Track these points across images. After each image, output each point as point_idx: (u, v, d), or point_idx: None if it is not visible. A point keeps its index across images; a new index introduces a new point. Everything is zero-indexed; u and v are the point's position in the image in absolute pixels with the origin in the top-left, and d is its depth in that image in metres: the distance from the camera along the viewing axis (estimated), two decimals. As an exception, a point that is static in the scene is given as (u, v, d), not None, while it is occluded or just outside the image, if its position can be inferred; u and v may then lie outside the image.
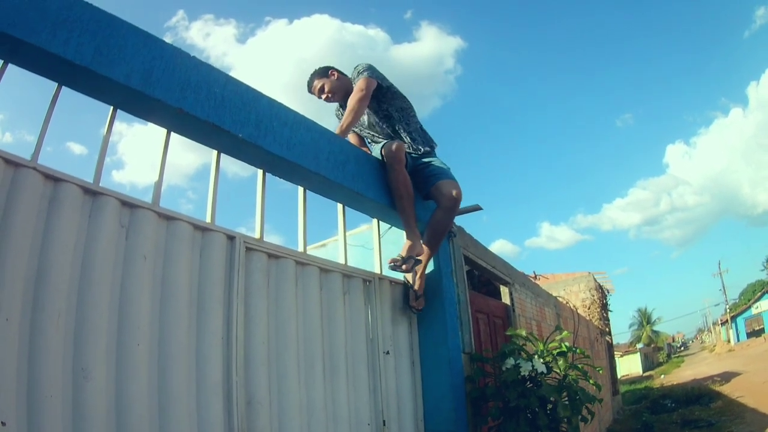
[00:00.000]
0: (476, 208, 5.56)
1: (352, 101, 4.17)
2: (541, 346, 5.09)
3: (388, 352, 4.20)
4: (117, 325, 2.47)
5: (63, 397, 2.20)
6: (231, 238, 3.10)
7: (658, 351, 79.28)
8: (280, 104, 3.35)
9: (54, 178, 2.37)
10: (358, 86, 4.22)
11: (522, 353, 4.87)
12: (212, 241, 3.01)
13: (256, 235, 3.32)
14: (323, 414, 3.48)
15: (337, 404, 3.62)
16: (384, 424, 3.94)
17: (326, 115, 3.59)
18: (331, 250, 4.33)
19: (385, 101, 4.53)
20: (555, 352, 5.08)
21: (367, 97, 4.22)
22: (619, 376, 29.32)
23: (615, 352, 29.98)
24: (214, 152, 3.17)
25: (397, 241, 4.68)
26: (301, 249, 3.68)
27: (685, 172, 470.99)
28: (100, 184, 2.56)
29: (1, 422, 2.00)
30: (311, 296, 3.61)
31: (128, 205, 2.63)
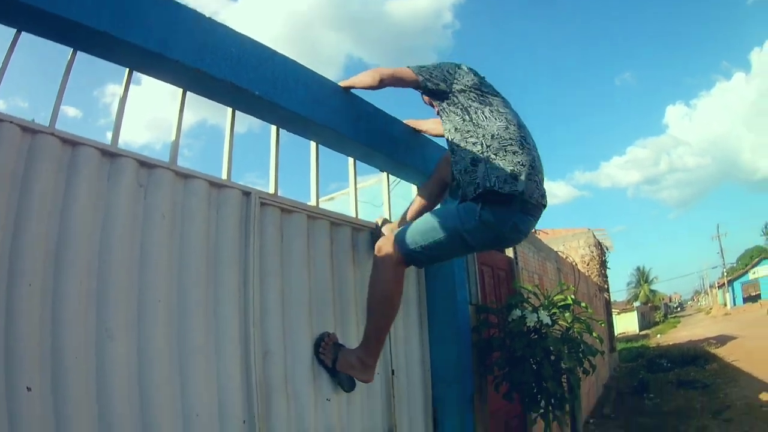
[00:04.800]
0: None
1: None
2: (546, 301, 5.17)
3: (395, 303, 4.24)
4: (138, 284, 2.51)
5: (87, 359, 2.26)
6: (246, 194, 3.13)
7: (655, 310, 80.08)
8: (295, 62, 3.33)
9: (72, 143, 2.38)
10: None
11: (527, 305, 4.95)
12: (228, 197, 3.03)
13: (270, 190, 3.35)
14: (333, 365, 3.57)
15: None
16: (393, 374, 4.04)
17: (325, 71, 3.54)
18: (339, 203, 4.37)
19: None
20: (560, 304, 5.17)
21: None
22: (616, 334, 29.62)
23: (612, 310, 30.22)
24: (229, 110, 3.18)
25: (406, 194, 4.74)
26: (313, 203, 3.72)
27: (685, 133, 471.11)
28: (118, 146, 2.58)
29: (27, 387, 2.05)
30: (322, 249, 3.66)
31: (146, 165, 2.65)
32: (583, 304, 5.91)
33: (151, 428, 2.44)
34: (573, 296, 5.37)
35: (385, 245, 3.41)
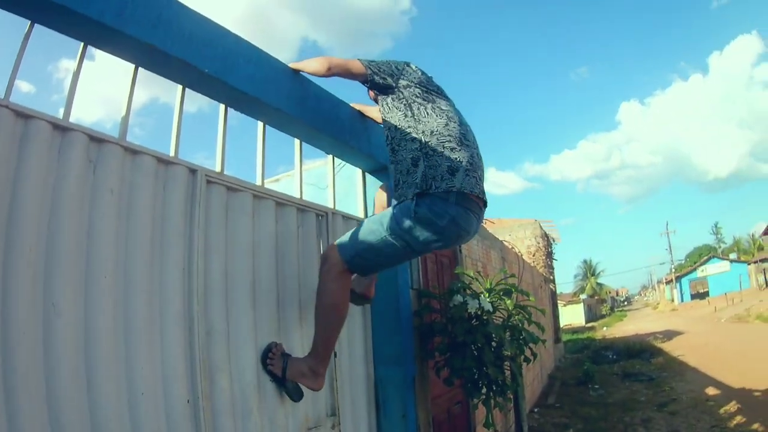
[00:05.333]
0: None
1: None
2: (488, 284, 5.36)
3: (339, 286, 4.37)
4: (85, 259, 2.59)
5: (34, 335, 2.33)
6: (193, 171, 3.22)
7: (602, 303, 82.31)
8: (246, 41, 3.45)
9: (25, 116, 2.44)
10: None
11: (469, 291, 5.13)
12: (175, 174, 3.12)
13: (217, 169, 3.45)
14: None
15: (289, 336, 3.82)
16: (335, 355, 4.16)
17: (279, 53, 3.66)
18: (284, 185, 4.47)
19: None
20: (501, 291, 5.36)
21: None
22: (561, 325, 30.15)
23: (558, 301, 30.73)
24: (179, 87, 3.27)
25: (351, 177, 4.88)
26: (259, 183, 3.83)
27: (638, 130, 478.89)
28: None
29: None
30: (267, 229, 3.77)
31: (96, 139, 2.72)
32: (524, 291, 6.13)
33: (97, 406, 2.51)
34: (515, 284, 5.57)
35: (329, 254, 3.51)
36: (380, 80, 3.59)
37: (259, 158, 3.92)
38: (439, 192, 3.27)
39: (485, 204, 3.57)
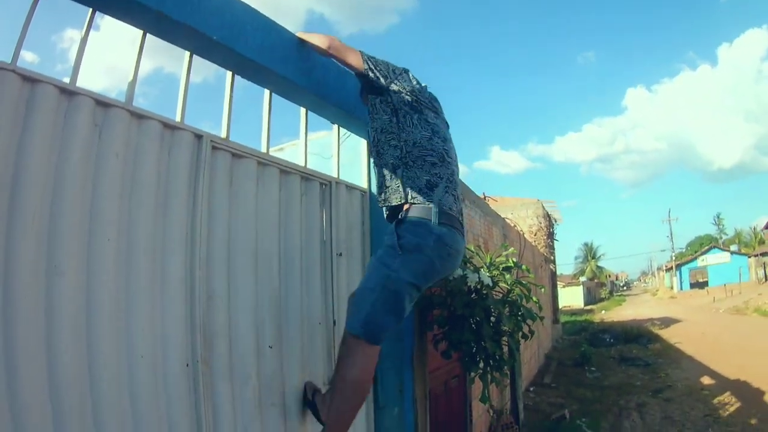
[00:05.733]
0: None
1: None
2: (488, 259, 5.39)
3: (341, 254, 4.45)
4: (89, 222, 2.63)
5: (36, 297, 2.38)
6: (198, 136, 3.25)
7: (601, 287, 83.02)
8: (254, 9, 3.45)
9: (32, 80, 2.47)
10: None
11: (469, 265, 5.16)
12: (180, 139, 3.15)
13: (222, 135, 3.47)
14: (277, 310, 3.73)
15: (290, 302, 3.87)
16: (334, 324, 4.23)
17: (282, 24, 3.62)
18: (288, 154, 4.48)
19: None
20: (501, 266, 5.39)
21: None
22: (560, 306, 30.24)
23: (558, 282, 30.77)
24: (187, 53, 3.29)
25: (355, 148, 4.90)
26: (264, 150, 3.85)
27: (644, 117, 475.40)
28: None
29: None
30: (270, 196, 3.80)
31: (102, 104, 2.75)
32: (524, 267, 6.17)
33: (97, 367, 2.57)
34: (514, 259, 5.60)
35: (344, 343, 3.35)
36: (373, 77, 3.54)
37: (264, 125, 3.93)
38: (417, 210, 3.26)
39: (463, 225, 3.53)
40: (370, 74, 3.54)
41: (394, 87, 3.52)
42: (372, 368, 3.33)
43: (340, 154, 4.78)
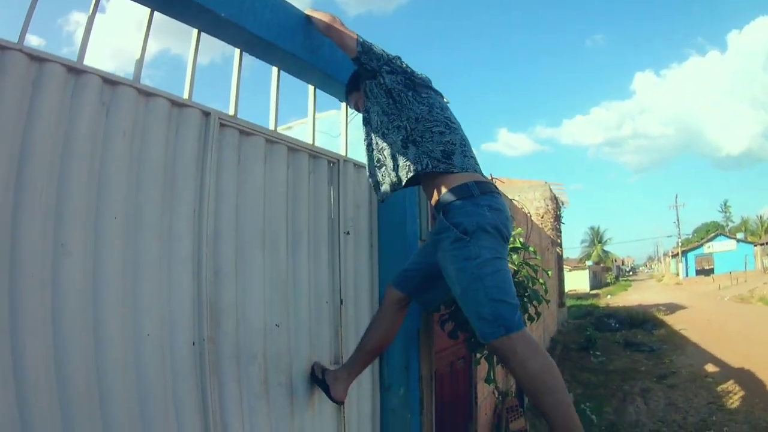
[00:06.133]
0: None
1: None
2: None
3: (348, 233, 4.45)
4: (96, 200, 2.64)
5: (42, 275, 2.39)
6: (206, 114, 3.24)
7: (607, 271, 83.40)
8: (263, -15, 3.44)
9: (39, 59, 2.46)
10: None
11: (477, 245, 5.14)
12: (188, 116, 3.15)
13: (230, 112, 3.47)
14: (284, 289, 3.74)
15: (298, 280, 3.88)
16: (341, 303, 4.25)
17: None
18: (296, 133, 4.47)
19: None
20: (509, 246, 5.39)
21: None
22: (566, 290, 30.38)
23: (564, 266, 30.79)
24: (195, 31, 3.27)
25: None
26: (272, 127, 3.84)
27: (652, 101, 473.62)
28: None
29: None
30: (278, 174, 3.80)
31: (109, 82, 2.75)
32: (531, 249, 6.17)
33: (103, 346, 2.59)
34: (521, 239, 5.59)
35: (492, 349, 3.08)
36: (366, 60, 3.51)
37: (272, 103, 3.92)
38: (454, 193, 3.14)
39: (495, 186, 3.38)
40: (363, 57, 3.51)
41: (386, 69, 3.50)
42: (537, 346, 3.05)
43: (348, 132, 4.77)
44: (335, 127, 4.88)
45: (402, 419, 4.69)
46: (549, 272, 9.63)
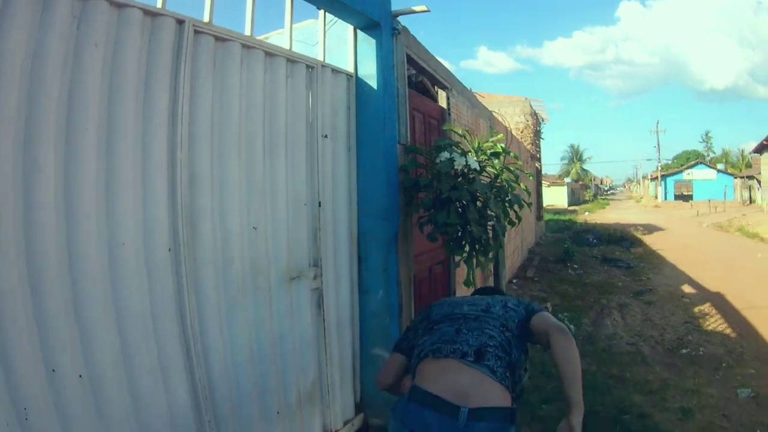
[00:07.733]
0: (424, 10, 5.39)
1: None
2: (476, 143, 5.42)
3: (326, 136, 4.53)
4: (67, 112, 2.67)
5: (14, 194, 2.44)
6: (180, 22, 3.25)
7: (585, 189, 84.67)
8: None
9: None
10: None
11: (456, 149, 5.22)
12: (162, 25, 3.16)
13: (205, 19, 3.48)
14: (262, 192, 3.82)
15: (276, 183, 3.97)
16: (319, 205, 4.35)
17: None
18: (274, 41, 4.47)
19: None
20: (489, 151, 5.45)
21: None
22: (544, 205, 30.82)
23: (543, 181, 30.96)
24: None
25: (341, 34, 4.91)
26: (248, 33, 3.85)
27: (637, 30, 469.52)
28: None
29: None
30: (255, 79, 3.82)
31: None
32: (512, 154, 6.23)
33: (77, 258, 2.69)
34: (502, 145, 5.65)
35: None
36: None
37: (249, 7, 3.93)
38: None
39: None
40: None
41: None
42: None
43: (326, 39, 4.78)
44: (313, 37, 4.88)
45: (381, 322, 4.87)
46: (530, 175, 9.74)
